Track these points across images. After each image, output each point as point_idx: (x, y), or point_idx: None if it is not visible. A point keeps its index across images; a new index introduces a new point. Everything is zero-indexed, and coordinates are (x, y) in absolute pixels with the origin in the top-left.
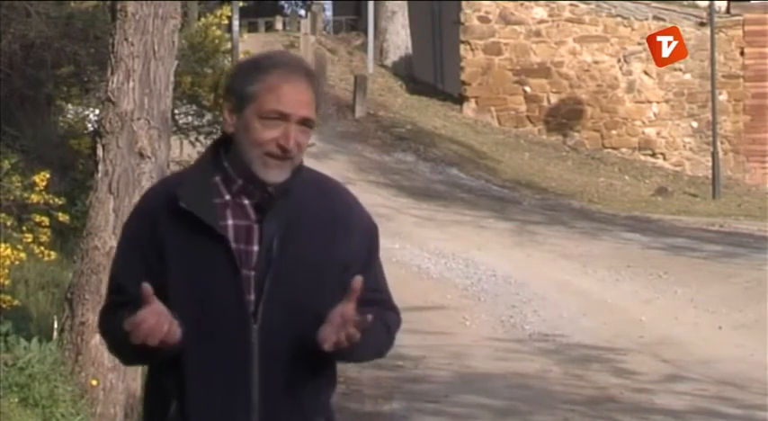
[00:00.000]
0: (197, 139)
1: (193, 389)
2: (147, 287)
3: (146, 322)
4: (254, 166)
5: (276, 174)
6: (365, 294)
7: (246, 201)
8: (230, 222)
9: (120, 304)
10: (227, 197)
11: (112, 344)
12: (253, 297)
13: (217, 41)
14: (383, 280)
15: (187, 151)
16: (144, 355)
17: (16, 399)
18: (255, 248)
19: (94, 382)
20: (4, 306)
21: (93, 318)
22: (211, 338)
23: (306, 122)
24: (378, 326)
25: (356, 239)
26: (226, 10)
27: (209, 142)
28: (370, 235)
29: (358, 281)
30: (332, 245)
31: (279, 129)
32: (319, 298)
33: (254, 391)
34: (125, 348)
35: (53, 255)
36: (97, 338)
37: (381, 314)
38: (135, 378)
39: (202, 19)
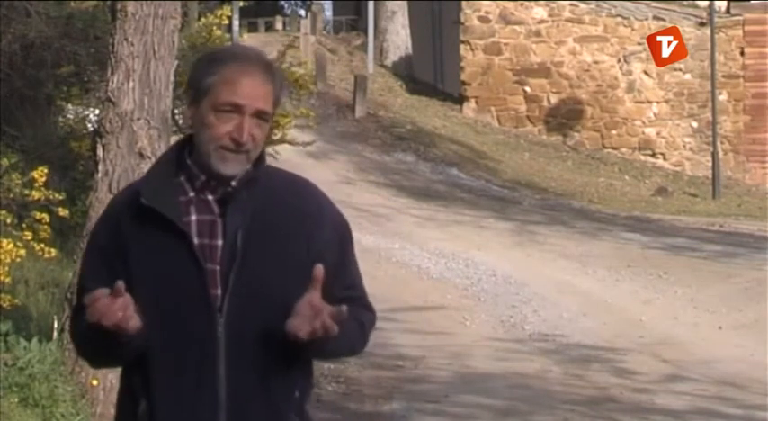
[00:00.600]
0: None
1: (160, 386)
2: (120, 283)
3: (102, 300)
4: (211, 160)
5: (232, 167)
6: (340, 292)
7: (210, 197)
8: (194, 218)
9: (85, 307)
10: (191, 194)
11: (80, 344)
12: (219, 291)
13: (218, 42)
14: (358, 277)
15: None
16: (108, 352)
17: (16, 399)
18: (220, 242)
19: (94, 382)
20: (4, 305)
21: None
22: (177, 335)
23: (261, 115)
24: (351, 323)
25: (327, 235)
26: (226, 10)
27: None
28: (341, 231)
29: (319, 269)
30: (300, 239)
31: (233, 122)
32: (287, 291)
33: (221, 388)
34: (90, 345)
35: (53, 252)
36: None
37: (356, 312)
38: None
39: (203, 19)
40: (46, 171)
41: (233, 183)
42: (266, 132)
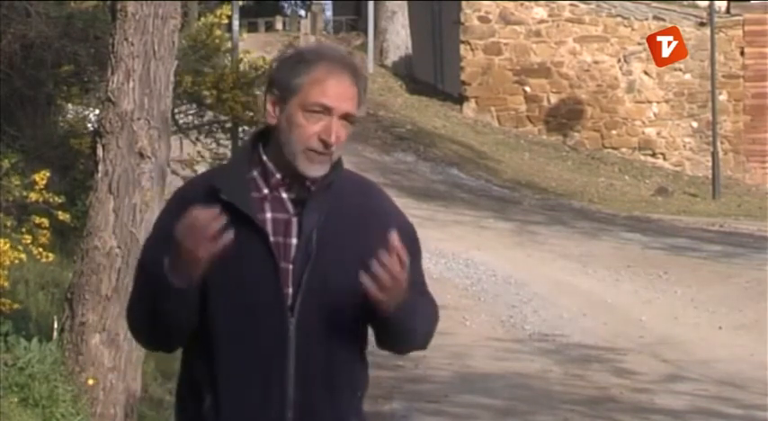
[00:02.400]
0: (197, 139)
1: (228, 382)
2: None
3: (199, 216)
4: (297, 161)
5: (317, 169)
6: (415, 288)
7: (285, 195)
8: (269, 215)
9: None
10: (266, 191)
11: (143, 320)
12: (291, 290)
13: (218, 41)
14: (423, 276)
15: (187, 150)
16: (162, 323)
17: (16, 399)
18: (294, 241)
19: (94, 382)
20: (4, 309)
21: (93, 318)
22: (248, 331)
23: (347, 117)
24: (423, 303)
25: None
26: (226, 9)
27: (209, 141)
28: (408, 232)
29: (394, 236)
30: (369, 241)
31: (321, 123)
32: (356, 293)
33: (290, 385)
34: (145, 319)
35: (51, 257)
36: (97, 338)
37: (423, 301)
38: (135, 378)
39: (202, 18)
40: (47, 174)
41: (308, 183)
42: (349, 134)
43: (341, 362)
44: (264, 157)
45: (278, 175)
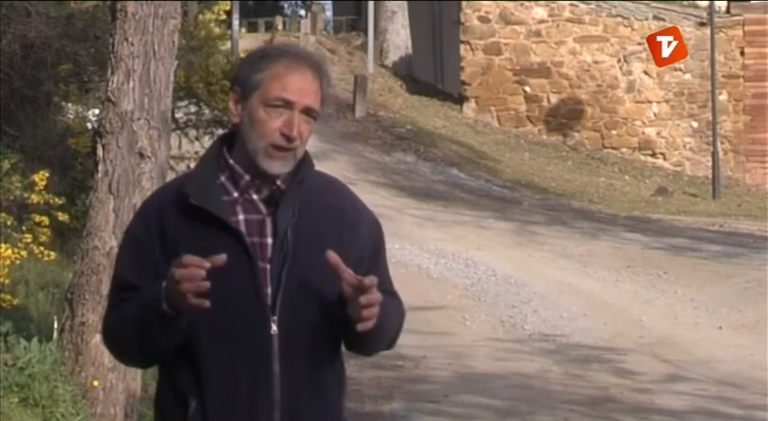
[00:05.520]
0: (196, 138)
1: (213, 386)
2: (223, 257)
3: (195, 266)
4: (258, 158)
5: (280, 166)
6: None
7: (256, 197)
8: (241, 217)
9: (126, 300)
10: (236, 194)
11: (119, 337)
12: (270, 290)
13: (207, 32)
14: (388, 272)
15: (186, 148)
16: (151, 341)
17: (16, 399)
18: (269, 241)
19: (94, 382)
20: (4, 305)
21: (93, 318)
22: (230, 334)
23: (309, 112)
24: (391, 303)
25: (363, 236)
26: (223, 5)
27: (208, 139)
28: (374, 230)
29: (332, 255)
30: (341, 238)
31: (283, 117)
32: (333, 289)
33: (276, 386)
34: (132, 341)
35: (53, 255)
36: (97, 338)
37: (390, 300)
38: (135, 378)
39: (199, 16)
40: (47, 175)
41: (278, 182)
42: (312, 130)
43: (325, 360)
44: (231, 161)
45: (246, 177)
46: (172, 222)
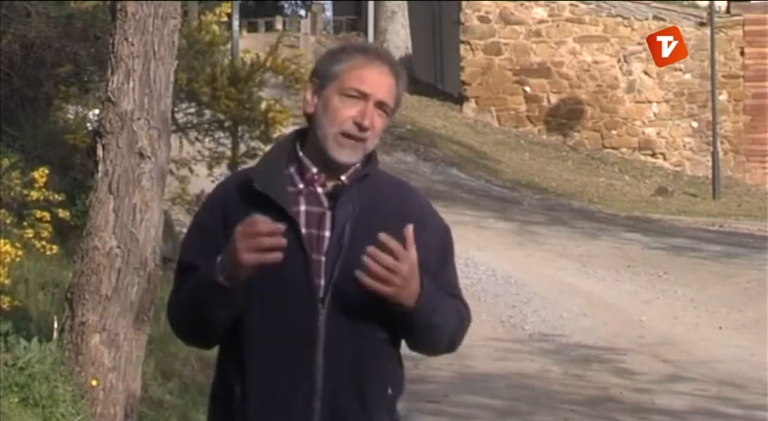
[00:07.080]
0: (197, 138)
1: (256, 373)
2: (281, 226)
3: (259, 225)
4: (328, 145)
5: (348, 155)
6: (443, 290)
7: (320, 190)
8: (302, 208)
9: (186, 283)
10: (301, 186)
11: (179, 314)
12: (322, 282)
13: (211, 36)
14: (456, 278)
15: (187, 149)
16: (205, 322)
17: (16, 399)
18: (327, 234)
19: (94, 382)
20: (4, 306)
21: (93, 318)
22: (277, 322)
23: (383, 106)
24: (450, 303)
25: (429, 237)
26: (225, 7)
27: (208, 140)
28: (442, 235)
29: (409, 229)
30: (401, 239)
31: (357, 108)
32: None
33: (319, 376)
34: (189, 317)
35: (55, 248)
36: (97, 338)
37: (454, 302)
38: (135, 378)
39: (202, 17)
40: (47, 172)
41: (343, 178)
42: (385, 126)
43: (370, 355)
44: (301, 154)
45: (313, 170)
46: (235, 207)
